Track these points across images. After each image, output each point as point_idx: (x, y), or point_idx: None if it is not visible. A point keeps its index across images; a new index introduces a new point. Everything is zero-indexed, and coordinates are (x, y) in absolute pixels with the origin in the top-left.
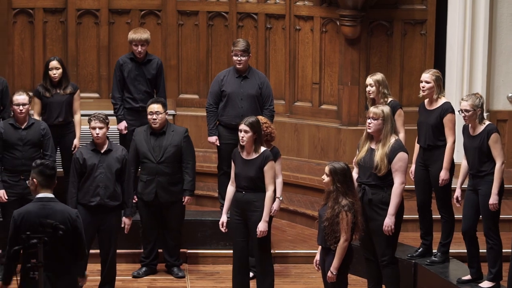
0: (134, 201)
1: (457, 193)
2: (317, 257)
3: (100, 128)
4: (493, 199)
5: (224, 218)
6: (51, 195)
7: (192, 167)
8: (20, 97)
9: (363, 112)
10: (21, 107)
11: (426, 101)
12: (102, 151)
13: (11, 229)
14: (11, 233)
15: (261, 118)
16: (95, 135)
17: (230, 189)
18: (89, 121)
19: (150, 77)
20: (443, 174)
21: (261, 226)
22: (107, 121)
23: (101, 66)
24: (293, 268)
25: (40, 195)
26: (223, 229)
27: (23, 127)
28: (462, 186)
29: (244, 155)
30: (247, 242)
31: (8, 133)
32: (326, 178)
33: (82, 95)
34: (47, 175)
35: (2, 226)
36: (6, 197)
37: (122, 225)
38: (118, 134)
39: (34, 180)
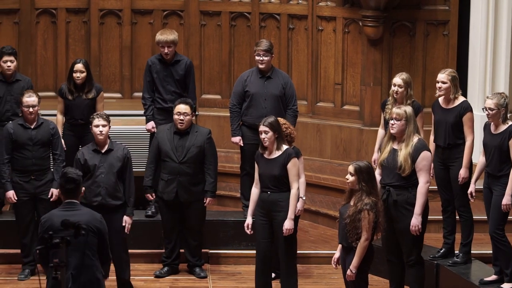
0: (151, 198)
1: (472, 188)
2: (336, 255)
3: (104, 125)
4: (506, 200)
5: (249, 220)
6: (75, 201)
7: (214, 168)
8: (30, 99)
9: (379, 111)
10: (30, 109)
11: (441, 99)
12: (103, 151)
13: (39, 232)
14: (39, 237)
15: (280, 119)
16: (99, 132)
17: (254, 191)
18: (92, 120)
19: (179, 77)
20: (463, 173)
21: (287, 224)
22: (109, 119)
23: (124, 66)
24: (315, 269)
25: (66, 201)
26: (248, 231)
27: (32, 127)
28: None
29: (266, 155)
30: (270, 243)
31: (18, 134)
32: (350, 178)
33: (105, 95)
34: (67, 189)
35: (16, 226)
36: (16, 198)
37: (123, 224)
38: (148, 134)
39: (59, 190)
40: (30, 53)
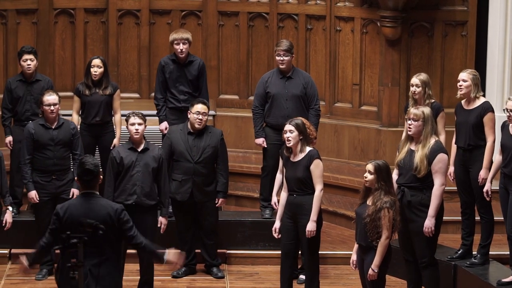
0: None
1: (487, 187)
2: (354, 256)
3: (139, 124)
4: None
5: (277, 224)
6: (92, 191)
7: (226, 169)
8: (51, 97)
9: (403, 113)
10: (52, 107)
11: (463, 101)
12: (139, 150)
13: (53, 221)
14: (53, 225)
15: (302, 119)
16: (134, 130)
17: (283, 195)
18: (128, 118)
19: (192, 78)
20: (483, 174)
21: (309, 226)
22: (145, 118)
23: (142, 67)
24: (332, 269)
25: (82, 191)
26: (276, 235)
27: (53, 127)
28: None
29: (291, 158)
30: (294, 245)
31: (39, 134)
32: (369, 176)
33: (123, 95)
34: (84, 180)
35: (36, 226)
36: (38, 198)
37: (159, 225)
38: (160, 135)
39: (77, 180)
40: (48, 53)
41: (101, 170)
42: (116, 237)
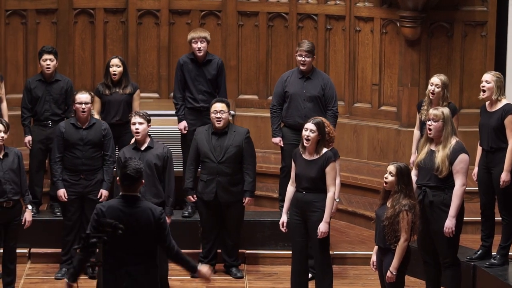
0: (193, 200)
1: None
2: (373, 258)
3: (140, 123)
4: None
5: (284, 218)
6: (134, 194)
7: (253, 168)
8: (83, 96)
9: (416, 112)
10: (83, 106)
11: (487, 103)
12: (142, 149)
13: (92, 221)
14: (92, 224)
15: (322, 119)
16: (135, 130)
17: (290, 189)
18: (130, 118)
19: (210, 77)
20: (504, 176)
21: (322, 227)
22: (148, 118)
23: (161, 67)
24: (351, 270)
25: (123, 193)
26: (283, 229)
27: (84, 127)
28: None
29: (305, 156)
30: (306, 242)
31: (69, 133)
32: (390, 178)
33: (142, 95)
34: (123, 184)
35: (63, 224)
36: (67, 197)
37: None
38: (180, 134)
39: (118, 181)
40: (68, 53)
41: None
42: (154, 238)
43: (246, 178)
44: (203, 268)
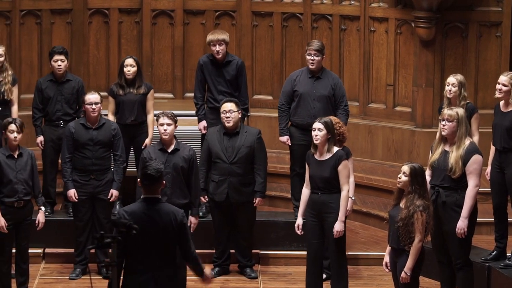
0: (204, 201)
1: None
2: (386, 258)
3: (168, 124)
4: None
5: (299, 221)
6: (155, 196)
7: (264, 168)
8: (93, 96)
9: (437, 113)
10: (93, 106)
11: (501, 103)
12: (169, 151)
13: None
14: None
15: (334, 118)
16: (163, 131)
17: (305, 191)
18: (157, 118)
19: (230, 78)
20: None
21: (338, 226)
22: (175, 118)
23: (176, 67)
24: (365, 270)
25: (144, 196)
26: (299, 232)
27: (94, 127)
28: None
29: (317, 156)
30: (321, 244)
31: (79, 133)
32: (403, 178)
33: (156, 95)
34: (144, 184)
35: (75, 225)
36: (77, 197)
37: (189, 224)
38: (199, 135)
39: (139, 183)
40: (82, 53)
41: (135, 170)
42: (177, 240)
43: (257, 178)
44: (207, 271)
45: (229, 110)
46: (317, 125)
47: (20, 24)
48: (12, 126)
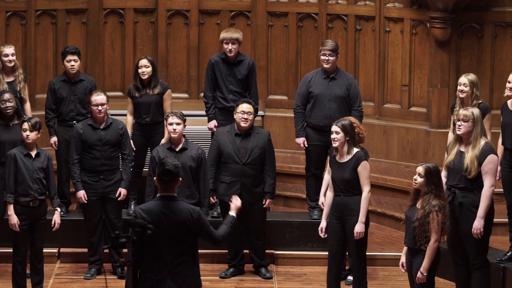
0: (214, 201)
1: None
2: (403, 259)
3: (178, 124)
4: None
5: (323, 224)
6: (171, 194)
7: (274, 169)
8: (99, 97)
9: (450, 112)
10: (99, 107)
11: (509, 101)
12: (177, 150)
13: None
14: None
15: (351, 119)
16: (172, 130)
17: (329, 194)
18: (166, 118)
19: (241, 77)
20: None
21: (358, 228)
22: (184, 118)
23: (191, 67)
24: (380, 271)
25: (161, 193)
26: (322, 235)
27: (101, 127)
28: None
29: (338, 158)
30: (342, 246)
31: (87, 134)
32: (419, 179)
33: (172, 95)
34: (162, 181)
35: (86, 226)
36: (87, 198)
37: None
38: (209, 134)
39: (155, 181)
40: (97, 53)
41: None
42: (194, 238)
43: (267, 180)
44: (233, 212)
45: (248, 111)
46: (334, 128)
47: (36, 24)
48: (25, 125)
